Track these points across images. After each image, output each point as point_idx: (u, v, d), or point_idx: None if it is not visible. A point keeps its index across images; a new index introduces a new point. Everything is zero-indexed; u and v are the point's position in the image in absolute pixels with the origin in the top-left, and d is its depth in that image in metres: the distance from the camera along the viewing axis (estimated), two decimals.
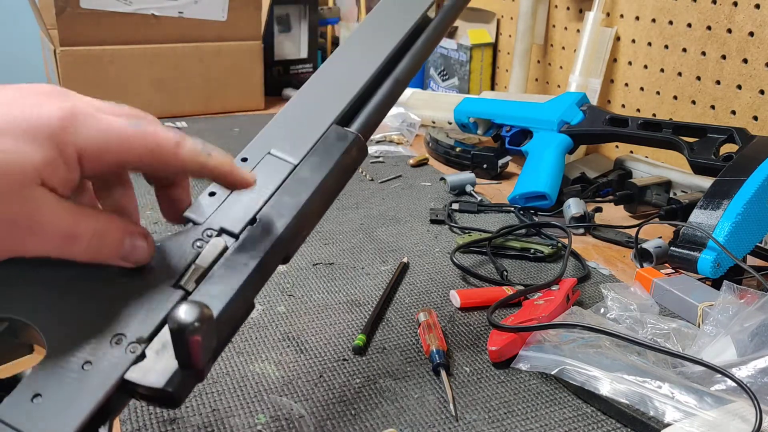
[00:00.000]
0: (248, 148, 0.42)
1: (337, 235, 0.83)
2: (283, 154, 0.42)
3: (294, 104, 0.46)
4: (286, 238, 0.38)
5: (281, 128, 0.44)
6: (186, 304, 0.30)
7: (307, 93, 0.46)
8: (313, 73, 0.47)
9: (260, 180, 0.40)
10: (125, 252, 0.35)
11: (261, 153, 0.42)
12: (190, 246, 0.37)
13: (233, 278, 0.36)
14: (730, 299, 0.59)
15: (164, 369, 0.32)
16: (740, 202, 0.66)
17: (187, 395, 0.34)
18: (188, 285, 0.35)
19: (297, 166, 0.41)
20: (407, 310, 0.66)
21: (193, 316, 0.30)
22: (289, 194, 0.40)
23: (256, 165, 0.41)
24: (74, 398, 0.31)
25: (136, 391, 0.33)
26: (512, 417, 0.51)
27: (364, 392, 0.53)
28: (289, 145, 0.42)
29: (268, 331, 0.61)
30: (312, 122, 0.44)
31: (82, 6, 1.21)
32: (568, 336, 0.56)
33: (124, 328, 0.34)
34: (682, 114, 0.99)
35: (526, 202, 0.90)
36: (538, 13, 1.24)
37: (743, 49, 0.88)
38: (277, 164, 0.41)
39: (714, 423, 0.45)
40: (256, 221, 0.39)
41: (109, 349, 0.33)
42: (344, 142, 0.43)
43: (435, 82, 1.47)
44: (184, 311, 0.30)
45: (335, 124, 0.44)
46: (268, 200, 0.39)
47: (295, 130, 0.43)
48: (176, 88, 1.34)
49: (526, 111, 0.98)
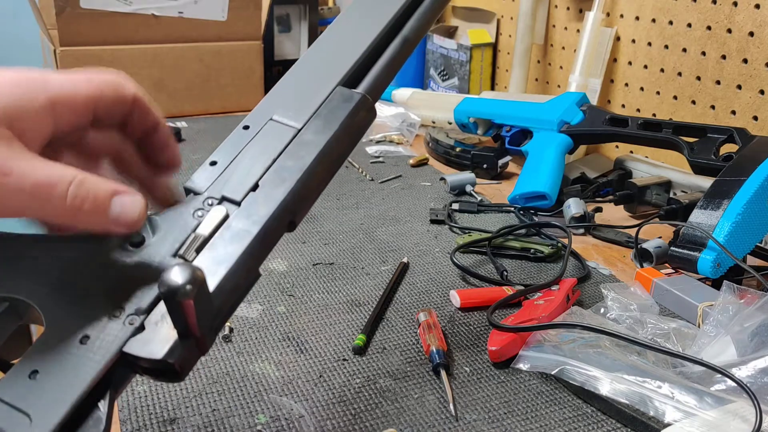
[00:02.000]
0: (250, 116, 0.41)
1: (337, 235, 0.83)
2: (286, 120, 0.40)
3: (297, 68, 0.44)
4: (290, 203, 0.37)
5: (284, 94, 0.42)
6: (177, 267, 0.29)
7: (312, 57, 0.44)
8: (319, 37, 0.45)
9: (263, 146, 0.39)
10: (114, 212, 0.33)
11: (263, 120, 0.41)
12: (190, 216, 0.36)
13: (235, 246, 0.35)
14: (730, 299, 0.59)
15: (164, 339, 0.31)
16: (740, 202, 0.66)
17: (190, 367, 0.33)
18: (188, 254, 0.35)
19: (300, 130, 0.40)
20: (407, 310, 0.66)
21: (184, 278, 0.29)
22: (292, 158, 0.39)
23: (257, 132, 0.40)
24: (72, 373, 0.31)
25: (138, 364, 0.32)
26: (512, 417, 0.51)
27: (364, 392, 0.53)
28: (292, 109, 0.41)
29: (268, 331, 0.61)
30: (316, 86, 0.42)
31: (82, 6, 1.21)
32: (568, 336, 0.56)
33: (123, 301, 0.33)
34: (682, 114, 0.99)
35: (526, 202, 0.90)
36: (538, 13, 1.24)
37: (743, 49, 0.88)
38: (280, 130, 0.40)
39: (714, 423, 0.45)
40: (258, 187, 0.37)
41: (108, 322, 0.32)
42: (350, 103, 0.41)
43: (435, 82, 1.47)
44: (174, 273, 0.29)
45: (340, 86, 0.42)
46: (271, 166, 0.38)
47: (299, 94, 0.42)
48: (176, 88, 1.34)
49: (526, 111, 0.98)
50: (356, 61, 0.43)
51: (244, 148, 0.40)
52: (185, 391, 0.53)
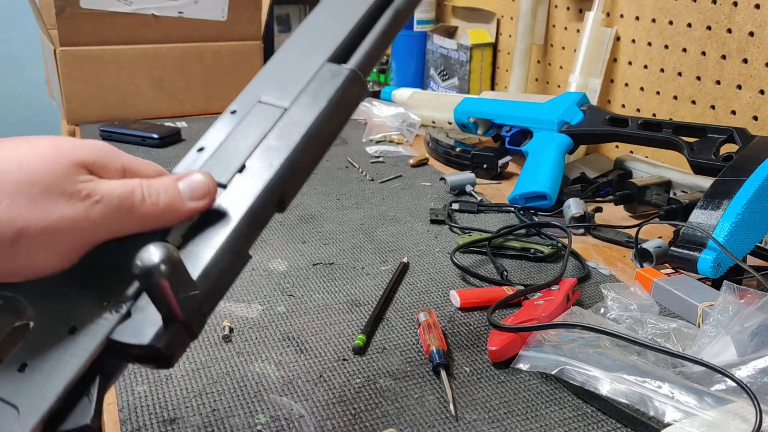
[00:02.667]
0: (237, 100, 0.41)
1: (337, 235, 0.83)
2: (273, 100, 0.40)
3: (285, 49, 0.43)
4: (277, 183, 0.37)
5: (272, 75, 0.42)
6: (150, 246, 0.29)
7: (299, 36, 0.43)
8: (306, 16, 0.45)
9: (250, 129, 0.38)
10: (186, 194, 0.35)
11: (251, 103, 0.40)
12: None
13: (222, 228, 0.35)
14: (730, 299, 0.59)
15: (150, 325, 0.31)
16: (740, 202, 0.66)
17: (179, 352, 0.33)
18: (174, 240, 0.35)
19: (288, 109, 0.39)
20: (407, 310, 0.66)
21: (157, 257, 0.29)
22: (279, 138, 0.38)
23: (245, 116, 0.40)
24: (60, 364, 0.31)
25: (128, 352, 0.32)
26: (512, 417, 0.51)
27: (364, 392, 0.53)
28: (279, 90, 0.40)
29: (268, 331, 0.61)
30: (304, 64, 0.41)
31: (82, 6, 1.21)
32: (568, 336, 0.56)
33: (111, 290, 0.33)
34: (682, 114, 0.99)
35: (526, 202, 0.90)
36: (538, 13, 1.24)
37: (743, 49, 0.88)
38: (268, 111, 0.39)
39: (714, 423, 0.45)
40: (244, 169, 0.37)
41: (95, 312, 0.32)
42: (338, 79, 0.40)
43: (435, 82, 1.47)
44: (147, 253, 0.29)
45: (329, 62, 0.41)
46: (257, 147, 0.38)
47: (287, 74, 0.41)
48: (176, 88, 1.34)
49: (526, 111, 0.98)
50: (345, 36, 0.42)
51: (232, 132, 0.39)
52: (185, 391, 0.53)
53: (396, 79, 1.56)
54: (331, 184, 1.00)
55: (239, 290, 0.68)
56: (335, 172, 1.05)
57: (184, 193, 0.35)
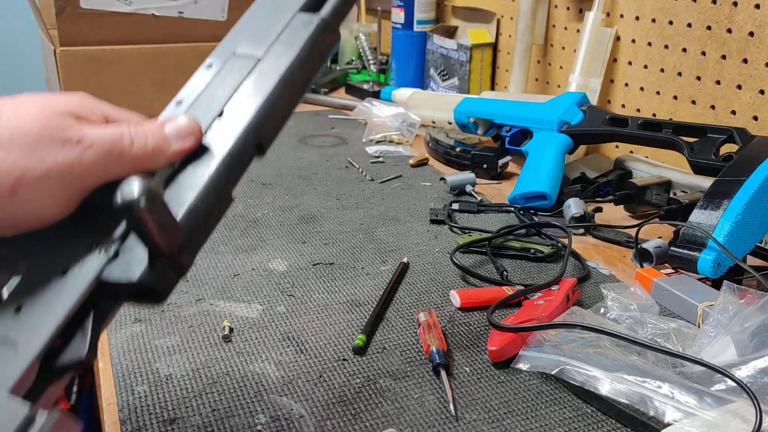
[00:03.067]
0: (213, 54, 0.43)
1: (337, 235, 0.83)
2: (248, 51, 0.42)
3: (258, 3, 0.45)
4: (254, 126, 0.39)
5: (245, 28, 0.44)
6: (130, 179, 0.30)
7: None
8: None
9: (227, 80, 0.40)
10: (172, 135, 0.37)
11: (226, 55, 0.42)
12: None
13: (203, 171, 0.36)
14: (730, 299, 0.59)
15: (137, 262, 0.33)
16: (740, 202, 0.66)
17: (169, 288, 0.34)
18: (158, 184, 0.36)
19: (261, 58, 0.41)
20: (407, 310, 0.66)
21: (137, 190, 0.30)
22: (254, 84, 0.40)
23: (221, 68, 0.41)
24: (53, 303, 0.32)
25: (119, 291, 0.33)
26: (512, 417, 0.51)
27: (364, 392, 0.53)
28: (253, 41, 0.42)
29: (268, 331, 0.61)
30: (277, 15, 0.43)
31: (82, 6, 1.21)
32: (568, 336, 0.56)
33: (99, 232, 0.34)
34: (682, 114, 0.99)
35: (526, 202, 0.90)
36: (538, 13, 1.24)
37: (743, 49, 0.88)
38: (243, 61, 0.41)
39: (714, 423, 0.45)
40: (222, 115, 0.39)
41: (86, 254, 0.34)
42: (309, 27, 0.42)
43: (435, 82, 1.47)
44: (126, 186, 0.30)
45: (300, 11, 0.43)
46: (234, 95, 0.40)
47: (260, 26, 0.43)
48: (176, 88, 1.32)
49: (526, 111, 0.98)
50: None
51: (209, 84, 0.41)
52: (185, 391, 0.53)
53: (396, 79, 1.56)
54: (331, 184, 1.00)
55: (239, 290, 0.68)
56: (335, 172, 1.05)
57: (170, 135, 0.37)
